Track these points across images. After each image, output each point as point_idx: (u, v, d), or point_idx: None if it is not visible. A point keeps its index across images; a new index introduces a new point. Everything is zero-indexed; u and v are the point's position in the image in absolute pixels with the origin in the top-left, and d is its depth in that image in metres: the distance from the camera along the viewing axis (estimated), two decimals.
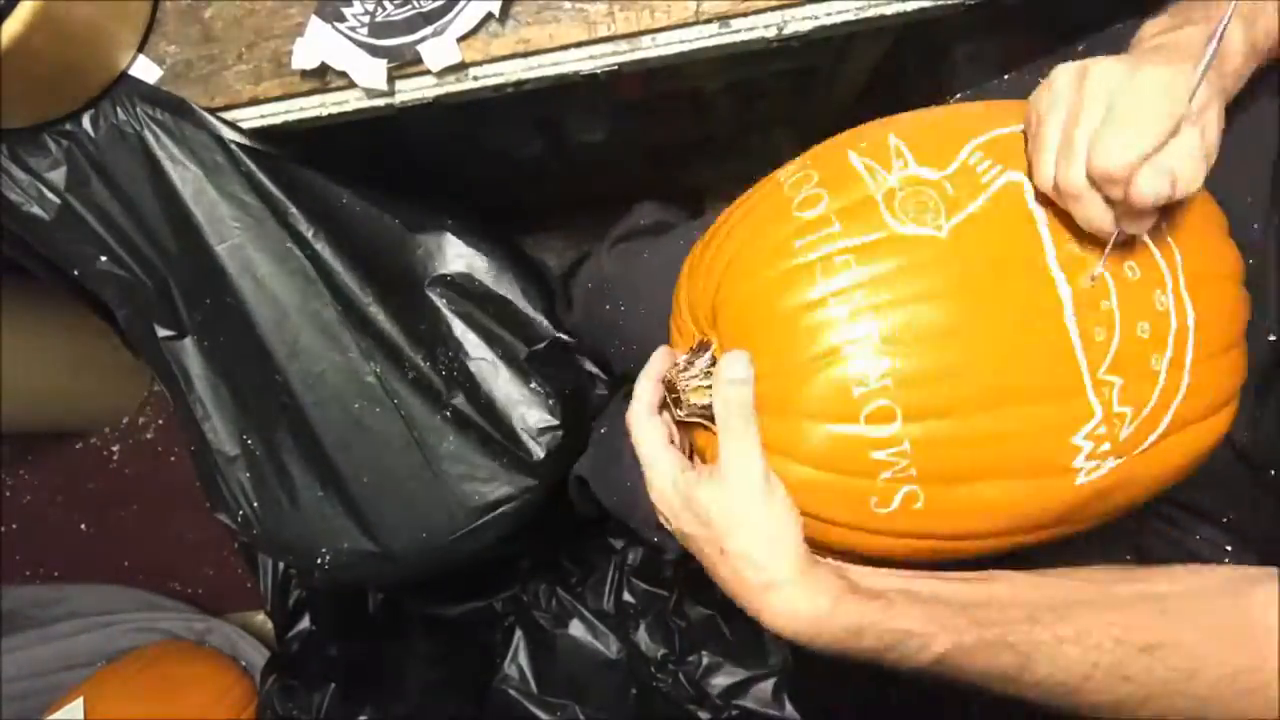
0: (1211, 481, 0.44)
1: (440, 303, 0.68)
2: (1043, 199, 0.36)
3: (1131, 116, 0.33)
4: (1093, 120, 0.34)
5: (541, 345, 0.68)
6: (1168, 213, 0.36)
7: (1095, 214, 0.34)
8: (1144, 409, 0.36)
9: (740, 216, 0.43)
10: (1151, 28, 0.40)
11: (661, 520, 0.42)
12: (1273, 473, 0.41)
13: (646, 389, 0.43)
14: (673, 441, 0.42)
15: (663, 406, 0.43)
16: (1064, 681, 0.34)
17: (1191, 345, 0.36)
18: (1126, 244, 0.36)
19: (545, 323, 0.69)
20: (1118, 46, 0.40)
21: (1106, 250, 0.35)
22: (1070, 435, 0.35)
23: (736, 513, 0.37)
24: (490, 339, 0.68)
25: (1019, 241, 0.36)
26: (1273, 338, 0.41)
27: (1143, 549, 0.49)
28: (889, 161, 0.38)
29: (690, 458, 0.43)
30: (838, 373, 0.36)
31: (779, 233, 0.38)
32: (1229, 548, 0.46)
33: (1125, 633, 0.34)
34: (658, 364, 0.44)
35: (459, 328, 0.67)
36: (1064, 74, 0.36)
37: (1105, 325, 0.35)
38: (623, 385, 0.74)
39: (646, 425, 0.42)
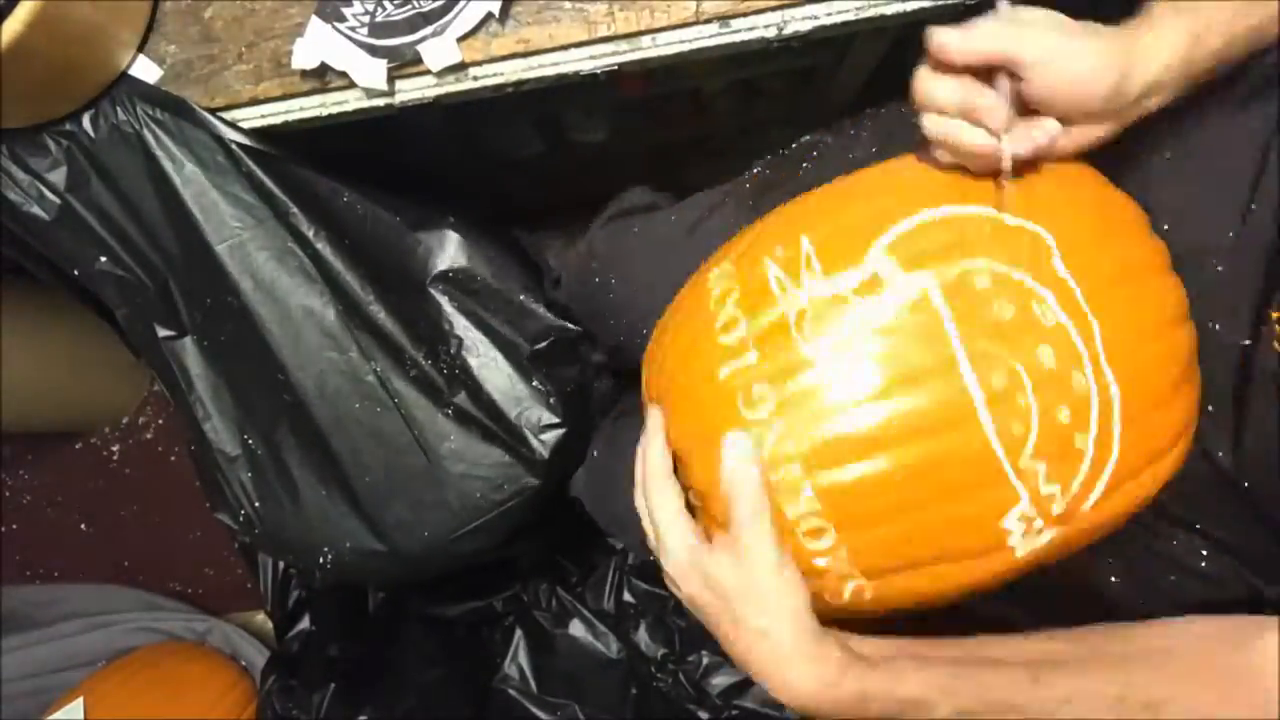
0: (1188, 497, 0.44)
1: (442, 300, 0.67)
2: (950, 295, 0.36)
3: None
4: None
5: (544, 344, 0.68)
6: (1083, 271, 0.37)
7: (933, 48, 0.36)
8: (1073, 483, 0.36)
9: (678, 320, 0.45)
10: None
11: (669, 584, 0.42)
12: (1253, 489, 0.41)
13: (657, 453, 0.43)
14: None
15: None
16: None
17: (1118, 414, 0.36)
18: (1035, 328, 0.36)
19: (548, 318, 0.69)
20: None
21: (1005, 181, 0.36)
22: (998, 521, 0.36)
23: (751, 587, 0.37)
24: (492, 336, 0.68)
25: (930, 351, 0.36)
26: (1247, 342, 0.41)
27: (1120, 553, 0.49)
28: (799, 274, 0.38)
29: (690, 510, 0.43)
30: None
31: (706, 356, 0.41)
32: (1204, 552, 0.46)
33: (1126, 689, 0.34)
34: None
35: (460, 325, 0.67)
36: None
37: (1021, 419, 0.35)
38: (619, 401, 0.74)
39: (662, 493, 0.42)
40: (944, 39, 0.35)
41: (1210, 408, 0.42)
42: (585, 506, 0.67)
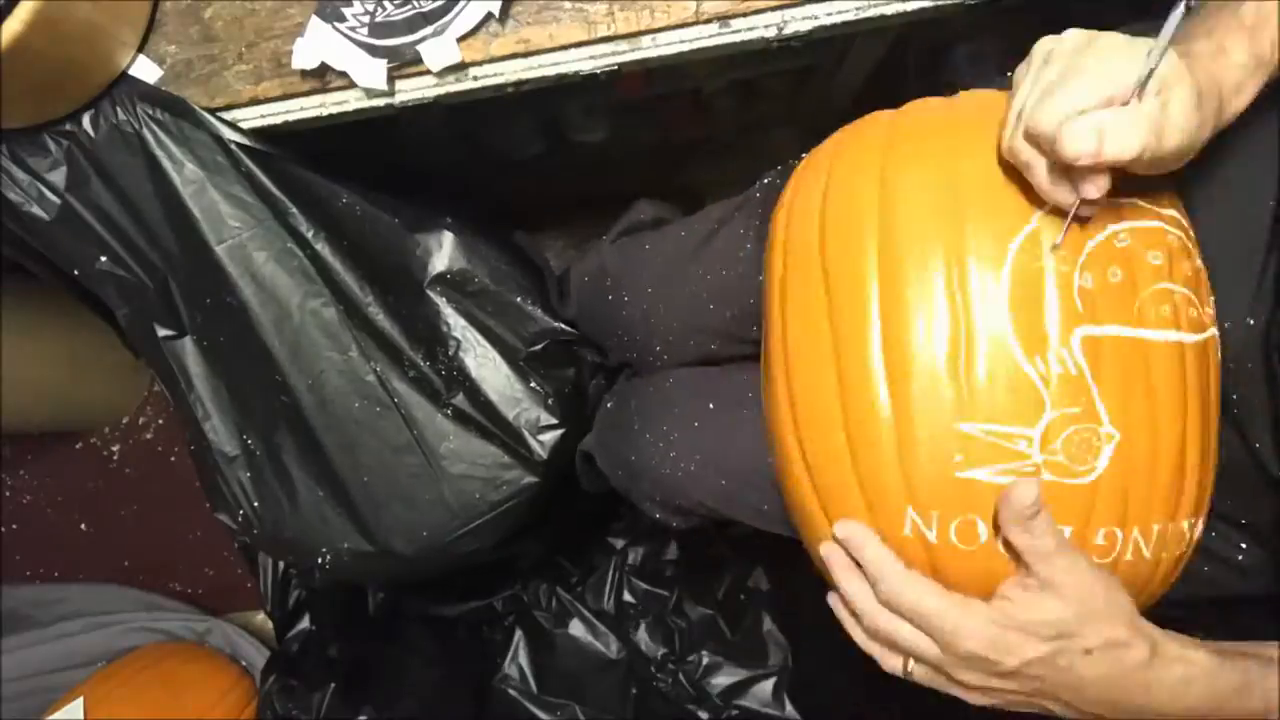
0: (1231, 490, 0.44)
1: (440, 301, 0.67)
2: (1093, 316, 0.37)
3: (1072, 78, 0.33)
4: (1037, 89, 0.34)
5: (541, 345, 0.68)
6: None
7: (1041, 180, 0.34)
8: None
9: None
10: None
11: (979, 678, 0.37)
12: None
13: (881, 557, 0.39)
14: None
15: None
16: None
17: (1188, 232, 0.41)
18: (1130, 256, 0.37)
19: (545, 320, 0.69)
20: None
21: (1067, 222, 0.36)
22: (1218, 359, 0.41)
23: (1086, 608, 0.35)
24: (490, 337, 0.68)
25: (1133, 361, 0.37)
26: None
27: None
28: (1005, 451, 0.36)
29: None
30: None
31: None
32: (1243, 545, 0.46)
33: None
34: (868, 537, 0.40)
35: (459, 326, 0.67)
36: (1039, 45, 0.36)
37: (1191, 305, 0.39)
38: (624, 370, 0.74)
39: (914, 587, 0.38)
40: (1086, 148, 0.32)
41: (1249, 398, 0.42)
42: (596, 459, 0.66)
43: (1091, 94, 0.33)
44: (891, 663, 0.40)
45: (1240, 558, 0.46)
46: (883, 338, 0.39)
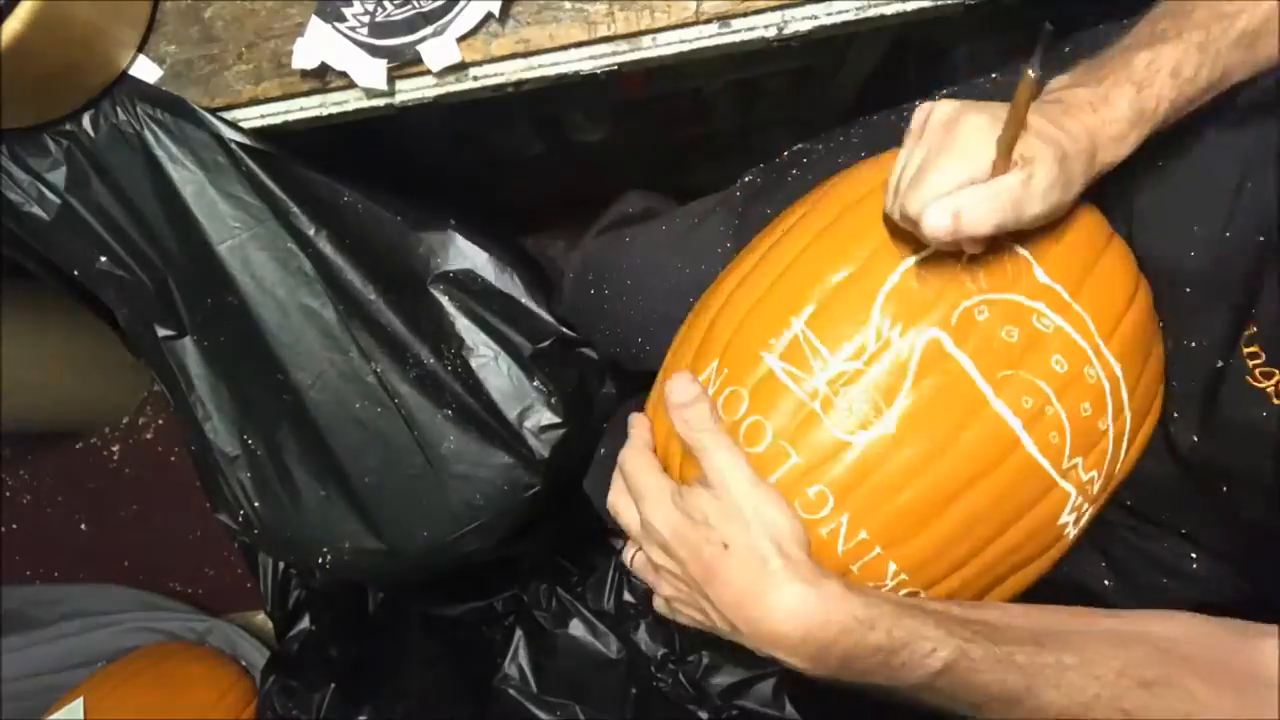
0: (1162, 498, 0.45)
1: (444, 300, 0.67)
2: (959, 338, 0.37)
3: (937, 159, 0.36)
4: (912, 163, 0.37)
5: (545, 344, 0.68)
6: (1060, 272, 0.38)
7: (925, 236, 0.36)
8: (1105, 463, 0.39)
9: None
10: (1056, 82, 0.40)
11: (659, 554, 0.40)
12: (1224, 488, 0.41)
13: (641, 428, 0.44)
14: None
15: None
16: (1066, 708, 0.34)
17: (1125, 390, 0.39)
18: (1040, 340, 0.37)
19: (549, 319, 0.69)
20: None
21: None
22: (1055, 521, 0.39)
23: (730, 506, 0.37)
24: (494, 335, 0.67)
25: (959, 397, 0.37)
26: (1219, 364, 0.41)
27: (1111, 556, 0.49)
28: (806, 361, 0.38)
29: None
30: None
31: None
32: (1194, 555, 0.46)
33: (1126, 666, 0.34)
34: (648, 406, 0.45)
35: (462, 324, 0.67)
36: (917, 114, 0.39)
37: (1056, 428, 0.37)
38: (627, 398, 0.74)
39: (639, 459, 0.42)
40: (942, 227, 0.34)
41: (1175, 414, 0.43)
42: (594, 504, 0.67)
43: (954, 177, 0.35)
44: (624, 510, 0.42)
45: (1194, 567, 0.46)
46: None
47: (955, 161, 0.35)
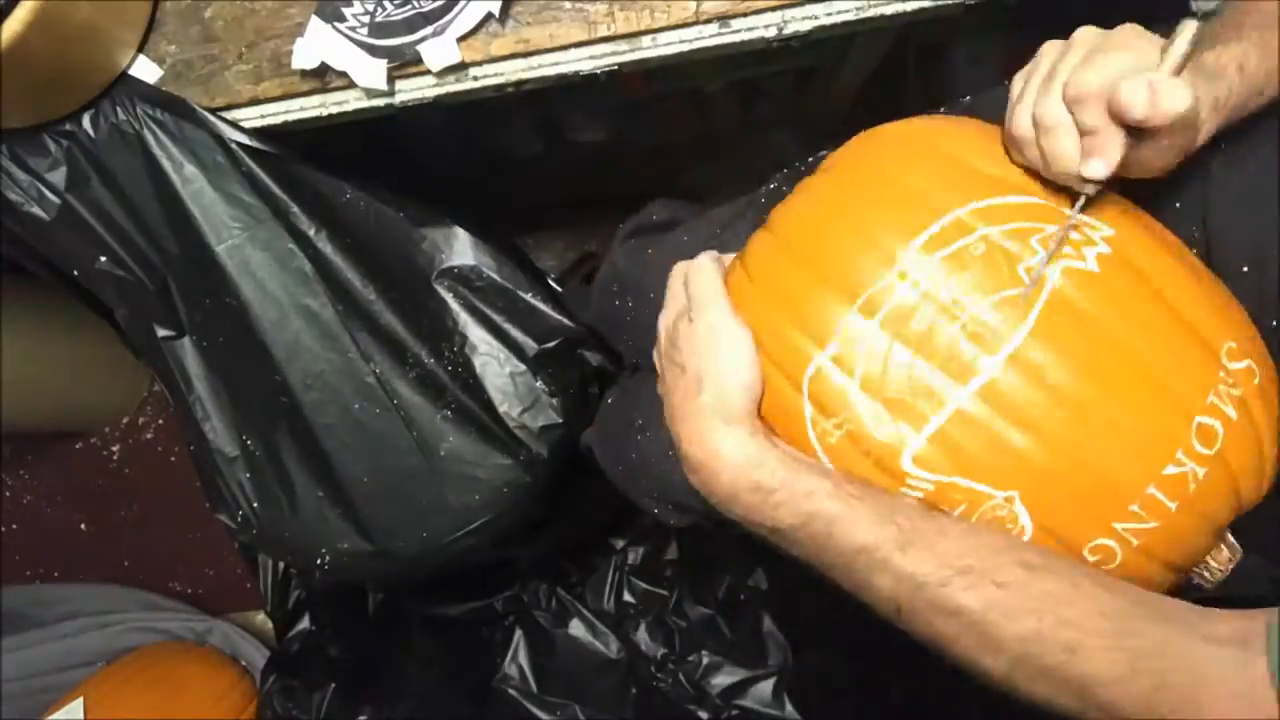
0: None
1: (447, 296, 0.67)
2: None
3: (1108, 49, 0.35)
4: (1074, 58, 0.35)
5: (550, 344, 0.67)
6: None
7: (1065, 148, 0.35)
8: None
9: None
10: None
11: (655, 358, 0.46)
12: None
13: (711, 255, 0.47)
14: None
15: None
16: (929, 575, 0.33)
17: None
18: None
19: (554, 317, 0.68)
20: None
21: (1059, 237, 0.36)
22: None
23: (699, 337, 0.41)
24: (497, 333, 0.67)
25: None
26: None
27: None
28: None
29: None
30: None
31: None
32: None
33: (1012, 548, 0.34)
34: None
35: (465, 322, 0.67)
36: (1050, 43, 0.38)
37: None
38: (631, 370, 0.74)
39: (686, 265, 0.46)
40: (1140, 102, 0.33)
41: None
42: (595, 454, 0.66)
43: (1129, 64, 0.34)
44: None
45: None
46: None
47: (1128, 54, 0.34)
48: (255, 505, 0.68)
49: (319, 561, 0.68)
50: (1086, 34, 0.37)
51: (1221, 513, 0.37)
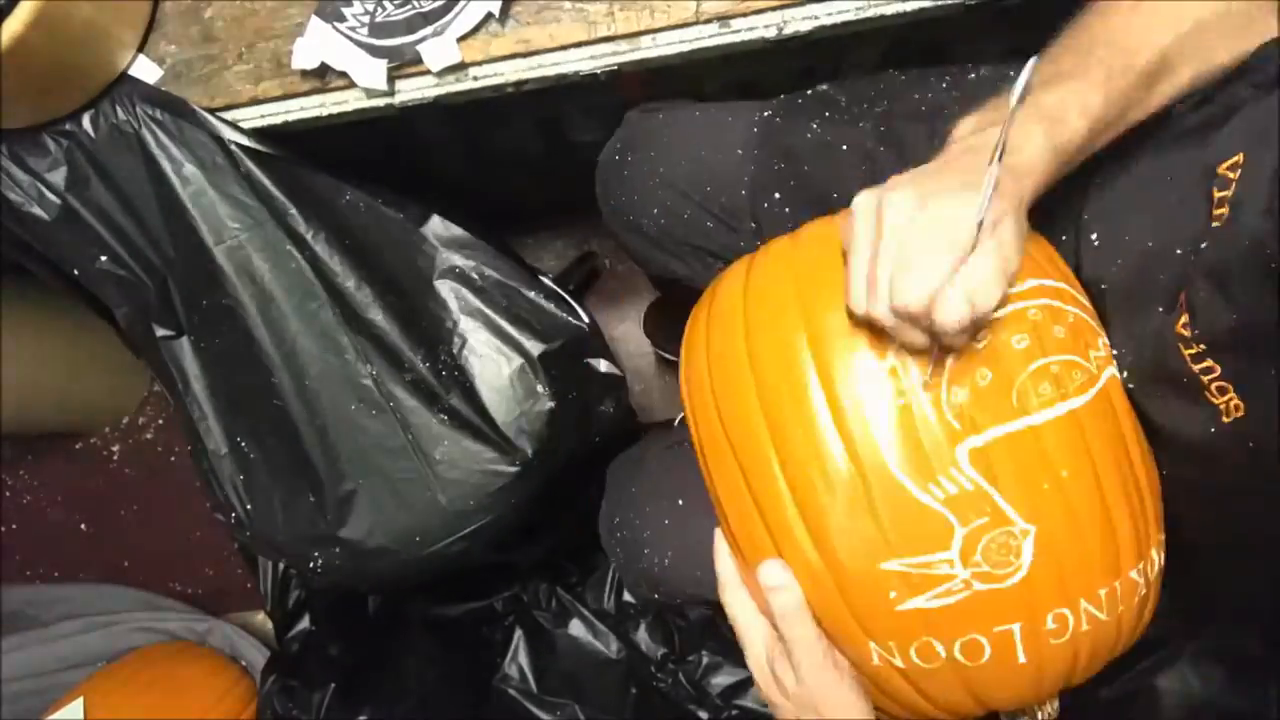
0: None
1: (448, 297, 0.67)
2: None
3: (921, 255, 0.35)
4: (889, 259, 0.36)
5: (553, 345, 0.67)
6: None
7: (913, 339, 0.36)
8: None
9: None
10: (964, 126, 0.41)
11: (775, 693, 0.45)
12: None
13: (727, 566, 0.46)
14: None
15: None
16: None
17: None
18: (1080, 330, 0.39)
19: (556, 317, 0.68)
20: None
21: (932, 358, 0.37)
22: None
23: (815, 692, 0.41)
24: (499, 333, 0.67)
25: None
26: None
27: None
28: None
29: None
30: None
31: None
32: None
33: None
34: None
35: (465, 324, 0.67)
36: (862, 206, 0.38)
37: None
38: (639, 435, 0.74)
39: (738, 594, 0.45)
40: (962, 316, 0.34)
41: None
42: (602, 540, 0.67)
43: (944, 267, 0.35)
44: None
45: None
46: (792, 495, 0.40)
47: (941, 254, 0.35)
48: (249, 507, 0.67)
49: (311, 565, 0.67)
50: (891, 222, 0.37)
51: (1064, 676, 0.40)
